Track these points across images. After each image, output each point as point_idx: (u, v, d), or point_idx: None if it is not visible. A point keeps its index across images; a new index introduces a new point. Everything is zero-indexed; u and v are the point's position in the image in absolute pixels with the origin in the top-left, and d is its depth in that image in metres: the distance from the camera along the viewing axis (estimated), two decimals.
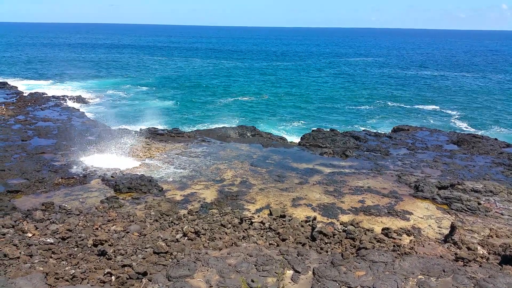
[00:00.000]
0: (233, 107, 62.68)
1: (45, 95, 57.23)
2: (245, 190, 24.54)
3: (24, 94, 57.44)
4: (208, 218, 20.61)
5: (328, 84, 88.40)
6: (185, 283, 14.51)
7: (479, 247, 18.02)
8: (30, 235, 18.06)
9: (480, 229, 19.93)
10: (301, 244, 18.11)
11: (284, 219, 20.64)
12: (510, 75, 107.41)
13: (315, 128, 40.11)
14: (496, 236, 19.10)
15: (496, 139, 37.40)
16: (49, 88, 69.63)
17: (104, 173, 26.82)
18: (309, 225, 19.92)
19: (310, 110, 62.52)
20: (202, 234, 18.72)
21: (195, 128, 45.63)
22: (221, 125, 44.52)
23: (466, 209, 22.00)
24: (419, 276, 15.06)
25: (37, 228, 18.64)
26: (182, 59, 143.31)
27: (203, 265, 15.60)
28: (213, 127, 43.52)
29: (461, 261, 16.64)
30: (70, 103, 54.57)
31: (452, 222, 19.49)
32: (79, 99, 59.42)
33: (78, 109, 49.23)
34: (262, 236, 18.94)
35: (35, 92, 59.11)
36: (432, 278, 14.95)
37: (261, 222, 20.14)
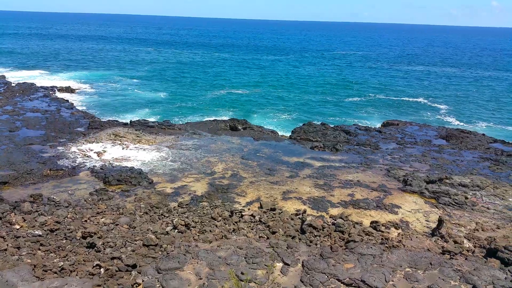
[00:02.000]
0: (224, 100, 62.44)
1: (34, 86, 56.36)
2: (235, 183, 24.58)
3: (12, 85, 56.52)
4: (199, 211, 20.63)
5: (319, 78, 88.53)
6: (175, 275, 14.53)
7: (465, 241, 18.35)
8: (17, 227, 17.89)
9: (466, 223, 20.29)
10: (291, 237, 18.25)
11: (274, 212, 20.76)
12: (499, 72, 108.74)
13: (306, 122, 40.22)
14: (482, 230, 19.47)
15: (484, 134, 37.95)
16: (38, 78, 68.47)
17: (93, 165, 26.62)
18: (299, 218, 20.06)
19: (301, 103, 62.58)
20: (192, 227, 18.74)
21: (186, 121, 45.38)
22: (212, 118, 44.39)
23: (454, 203, 22.35)
24: (407, 269, 15.31)
25: (25, 220, 18.48)
26: (174, 51, 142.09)
27: (193, 258, 15.64)
28: (204, 120, 43.35)
29: (448, 254, 16.94)
30: (59, 94, 53.84)
31: (439, 216, 19.80)
32: (68, 90, 58.56)
33: (67, 100, 48.60)
34: (252, 229, 19.04)
35: (23, 83, 58.18)
36: (419, 271, 15.21)
37: (252, 215, 20.22)
